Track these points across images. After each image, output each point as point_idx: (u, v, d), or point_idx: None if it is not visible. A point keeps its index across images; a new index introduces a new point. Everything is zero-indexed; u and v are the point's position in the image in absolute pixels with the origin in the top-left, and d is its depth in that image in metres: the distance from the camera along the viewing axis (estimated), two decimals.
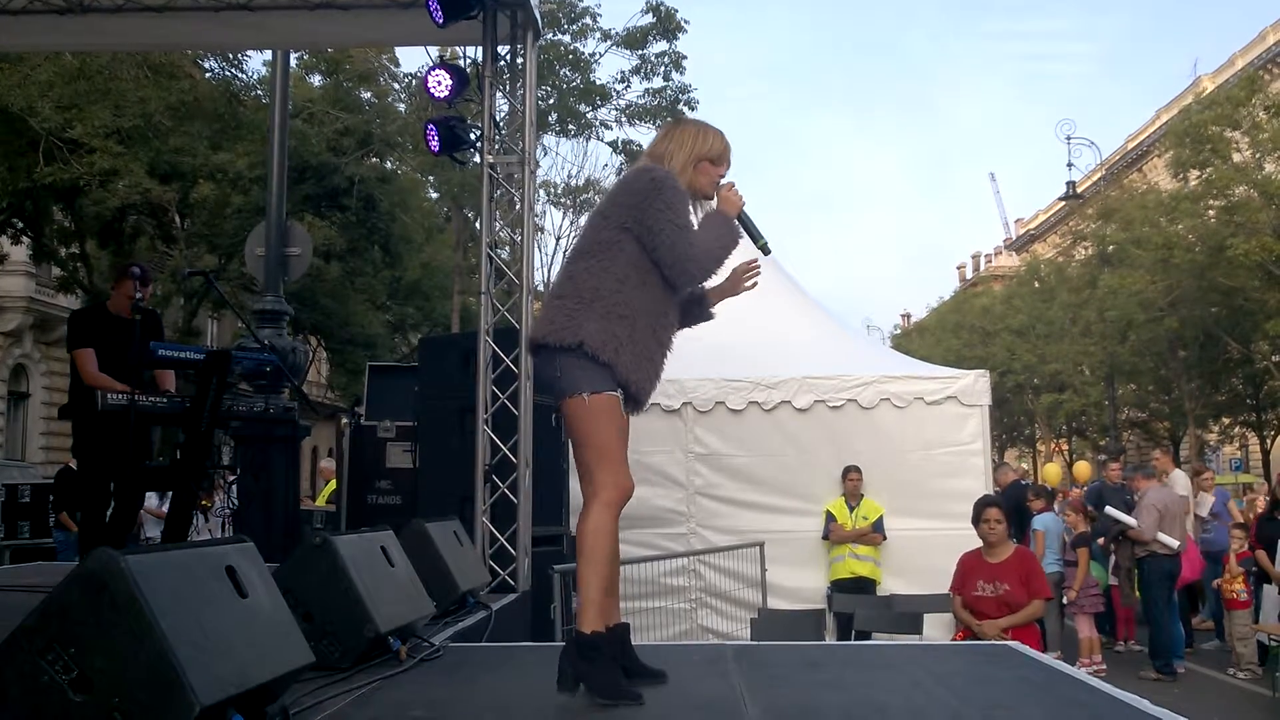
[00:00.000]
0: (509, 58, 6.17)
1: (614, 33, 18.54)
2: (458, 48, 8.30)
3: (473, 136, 6.11)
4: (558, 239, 20.26)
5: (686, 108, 18.68)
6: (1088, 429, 31.76)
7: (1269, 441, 24.87)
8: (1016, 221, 51.97)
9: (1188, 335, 22.80)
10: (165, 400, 5.25)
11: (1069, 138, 24.28)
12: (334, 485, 10.20)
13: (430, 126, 6.09)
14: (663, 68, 18.67)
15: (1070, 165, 24.36)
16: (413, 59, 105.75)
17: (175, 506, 5.69)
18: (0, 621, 2.26)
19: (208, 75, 16.76)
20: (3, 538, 10.71)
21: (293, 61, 13.23)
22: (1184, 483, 10.32)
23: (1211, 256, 20.13)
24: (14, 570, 7.72)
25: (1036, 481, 14.45)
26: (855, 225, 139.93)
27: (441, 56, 12.22)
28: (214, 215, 16.87)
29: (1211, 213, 20.39)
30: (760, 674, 3.26)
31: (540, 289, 8.24)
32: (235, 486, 6.73)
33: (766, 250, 3.18)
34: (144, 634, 2.00)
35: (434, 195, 22.23)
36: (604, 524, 2.82)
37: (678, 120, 3.40)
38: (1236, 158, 19.87)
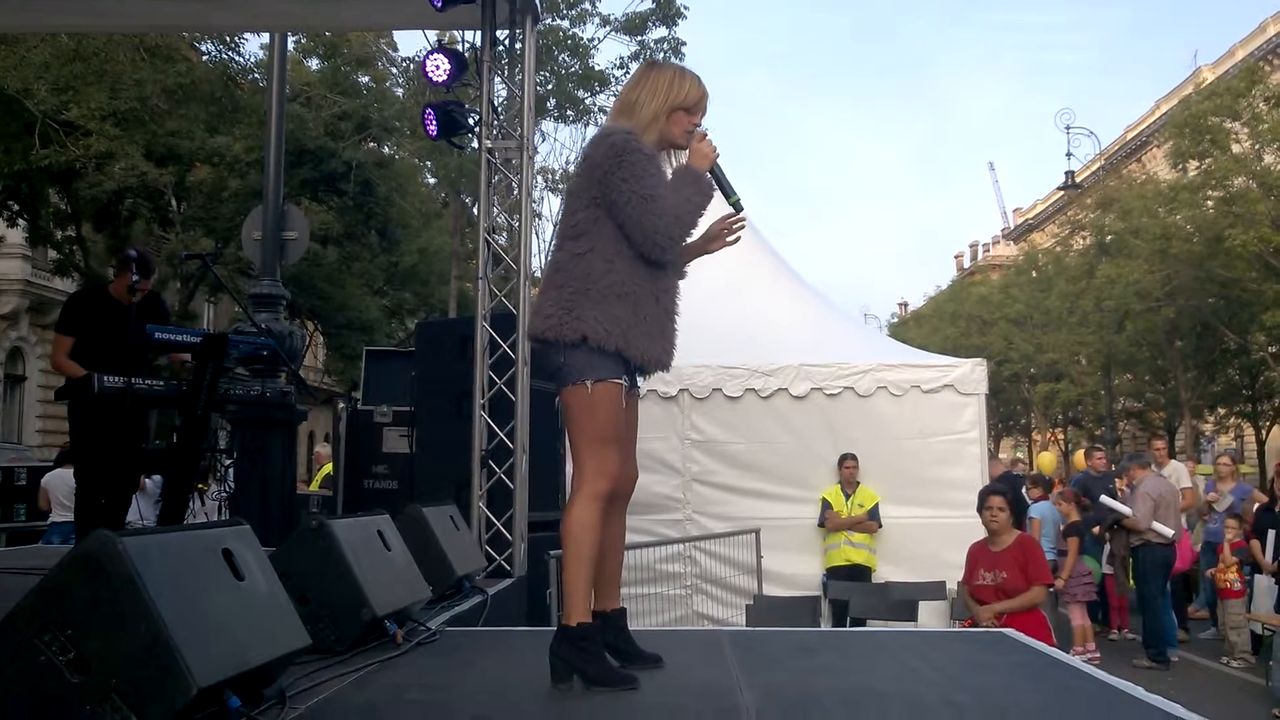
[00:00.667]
0: (508, 42, 6.14)
1: (613, 18, 18.51)
2: (456, 32, 8.27)
3: (471, 121, 6.09)
4: (555, 225, 20.22)
5: None
6: (1084, 418, 31.83)
7: (1264, 432, 24.94)
8: (1015, 211, 51.92)
9: (1184, 325, 22.84)
10: (162, 384, 5.24)
11: (1068, 127, 24.45)
12: (328, 470, 10.20)
13: (428, 111, 6.06)
14: (662, 53, 18.59)
15: (1069, 155, 24.47)
16: (411, 43, 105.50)
17: (171, 490, 5.68)
18: None
19: (205, 58, 16.68)
20: None
21: (290, 45, 13.22)
22: (1183, 473, 10.33)
23: (1209, 247, 20.16)
24: (9, 552, 7.72)
25: (1032, 470, 14.50)
26: (853, 214, 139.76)
27: (440, 41, 12.16)
28: (211, 199, 16.84)
29: (1210, 203, 20.39)
30: (756, 660, 3.26)
31: (537, 275, 8.22)
32: (232, 470, 6.73)
33: (739, 207, 2.99)
34: (141, 616, 2.01)
35: (432, 180, 22.21)
36: (587, 518, 2.75)
37: (651, 64, 3.11)
38: (1236, 149, 19.86)
